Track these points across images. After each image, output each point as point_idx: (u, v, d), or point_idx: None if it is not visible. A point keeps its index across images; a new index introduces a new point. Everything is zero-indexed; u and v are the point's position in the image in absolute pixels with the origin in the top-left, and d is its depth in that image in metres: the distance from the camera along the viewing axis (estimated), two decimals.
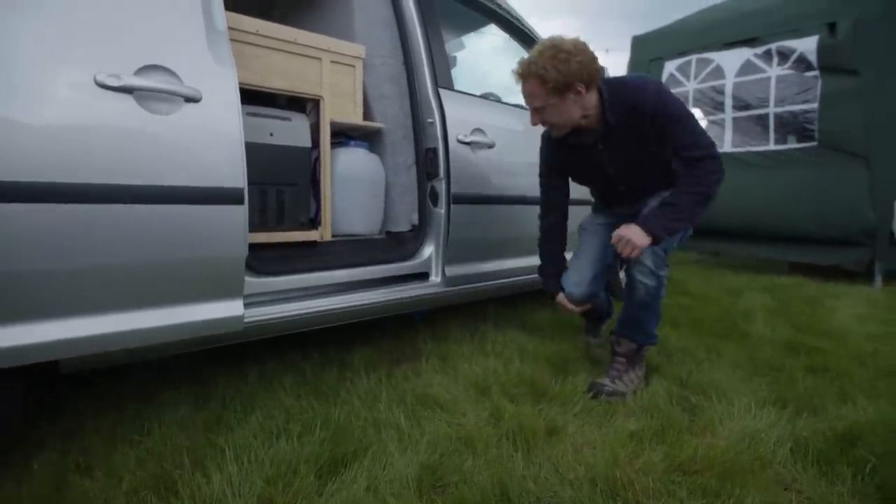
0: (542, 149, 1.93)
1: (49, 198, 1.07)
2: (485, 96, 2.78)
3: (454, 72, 2.38)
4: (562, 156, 1.85)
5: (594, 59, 1.57)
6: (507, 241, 2.30)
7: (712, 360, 1.96)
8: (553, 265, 1.97)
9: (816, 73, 3.61)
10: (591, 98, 1.61)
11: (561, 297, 1.91)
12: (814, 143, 3.65)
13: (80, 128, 1.11)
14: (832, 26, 3.53)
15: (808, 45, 3.62)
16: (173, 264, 1.26)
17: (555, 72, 1.51)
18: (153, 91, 1.19)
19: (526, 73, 1.58)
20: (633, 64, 4.82)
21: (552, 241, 1.98)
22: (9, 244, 1.03)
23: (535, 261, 2.44)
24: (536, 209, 2.35)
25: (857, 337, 2.29)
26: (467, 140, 2.02)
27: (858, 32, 3.43)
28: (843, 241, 3.56)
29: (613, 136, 1.67)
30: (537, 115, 1.65)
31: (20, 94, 1.04)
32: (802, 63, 3.67)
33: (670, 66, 4.40)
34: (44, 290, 1.10)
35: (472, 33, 3.03)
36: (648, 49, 4.64)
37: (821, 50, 3.56)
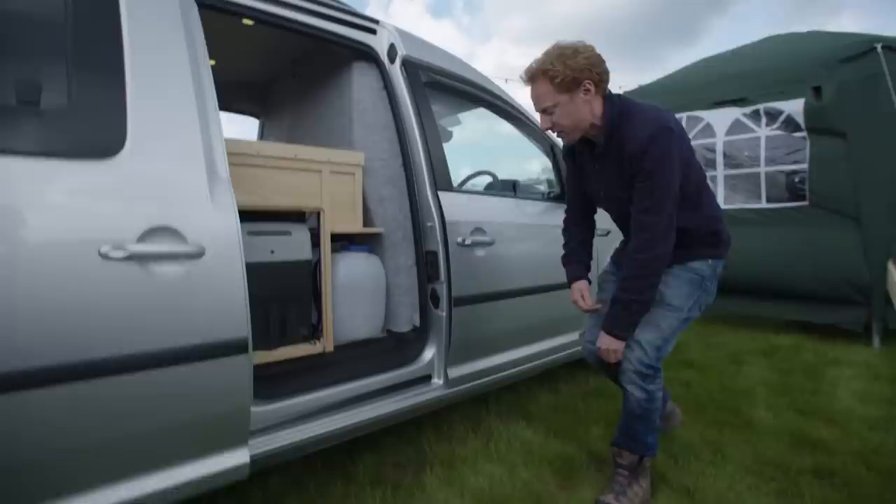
0: (562, 150, 1.90)
1: (49, 381, 1.06)
2: (479, 176, 2.82)
3: (449, 146, 2.41)
4: (574, 163, 1.81)
5: (601, 60, 1.54)
6: (511, 333, 2.30)
7: (717, 462, 1.94)
8: (574, 252, 1.91)
9: (804, 134, 3.68)
10: (600, 105, 1.57)
11: (577, 285, 1.86)
12: (805, 203, 3.70)
13: (84, 303, 1.10)
14: (818, 90, 3.62)
15: (794, 107, 3.70)
16: (177, 425, 1.24)
17: (562, 66, 1.49)
18: (157, 255, 1.19)
19: (533, 74, 1.55)
20: None
21: (576, 224, 1.92)
22: (8, 434, 1.02)
23: (538, 347, 2.47)
24: (538, 297, 2.38)
25: (860, 424, 2.29)
26: (467, 242, 2.02)
27: (843, 96, 3.51)
28: (839, 300, 3.59)
29: (606, 158, 1.62)
30: (547, 118, 1.59)
31: (20, 278, 1.03)
32: (790, 124, 3.74)
33: None
34: (43, 474, 1.08)
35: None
36: None
37: (807, 112, 3.64)
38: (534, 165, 3.11)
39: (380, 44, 2.09)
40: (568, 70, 1.49)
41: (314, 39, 1.95)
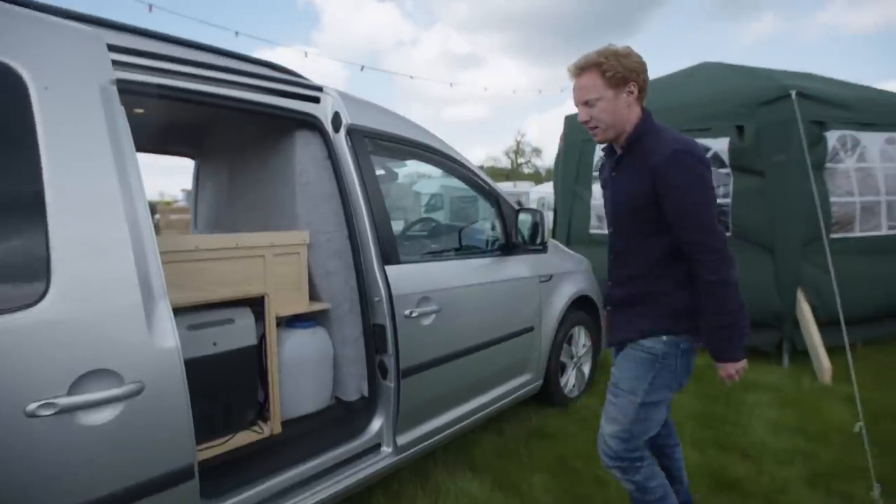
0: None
1: None
2: (423, 222, 2.84)
3: (393, 187, 2.41)
4: (601, 171, 1.81)
5: (646, 68, 1.57)
6: (459, 391, 2.36)
7: None
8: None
9: (728, 170, 3.95)
10: (637, 113, 1.57)
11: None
12: (728, 234, 3.99)
13: (14, 467, 1.05)
14: (741, 129, 3.88)
15: (721, 146, 3.96)
16: None
17: (616, 62, 1.51)
18: (92, 403, 1.14)
19: (584, 65, 1.55)
20: (566, 144, 5.06)
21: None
22: None
23: (486, 398, 2.54)
24: (486, 352, 2.45)
25: (771, 459, 2.54)
26: (415, 314, 2.05)
27: (762, 138, 3.79)
28: (757, 324, 3.90)
29: (625, 164, 1.60)
30: (586, 110, 1.57)
31: None
32: (717, 160, 4.00)
33: (599, 149, 4.65)
34: None
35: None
36: (581, 130, 4.87)
37: (731, 151, 3.91)
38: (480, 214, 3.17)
39: (324, 112, 2.06)
40: (621, 67, 1.51)
41: (254, 114, 1.89)
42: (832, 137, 3.90)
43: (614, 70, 1.51)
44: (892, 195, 4.10)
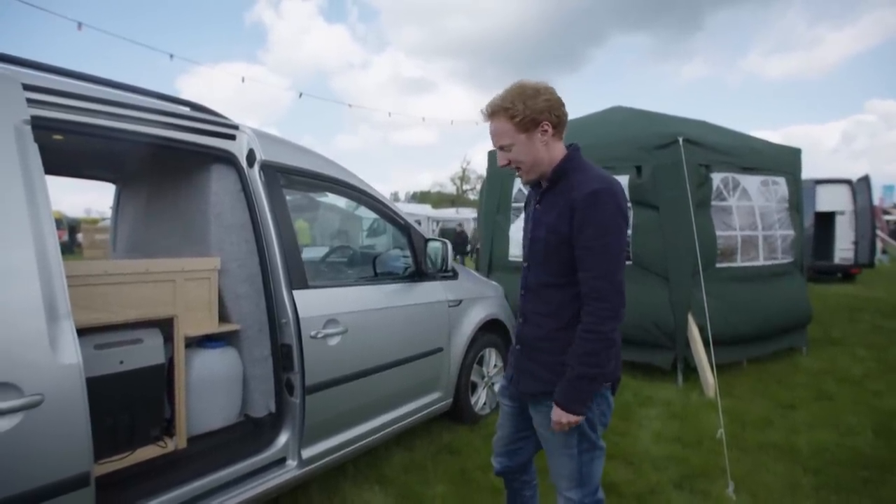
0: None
1: None
2: (336, 250, 3.02)
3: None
4: (526, 203, 1.79)
5: (561, 103, 1.56)
6: (365, 407, 2.53)
7: None
8: None
9: (629, 204, 4.39)
10: (558, 147, 1.58)
11: None
12: (630, 262, 4.41)
13: None
14: (639, 169, 4.35)
15: (622, 182, 4.39)
16: None
17: (522, 106, 1.50)
18: None
19: (493, 111, 1.55)
20: (488, 176, 5.42)
21: None
22: None
23: (394, 414, 2.72)
24: (393, 371, 2.64)
25: (649, 464, 2.84)
26: (320, 335, 2.23)
27: (656, 177, 4.26)
28: (654, 344, 4.31)
29: (549, 198, 1.59)
30: (504, 154, 1.59)
31: None
32: None
33: (518, 183, 5.04)
34: None
35: None
36: None
37: (631, 187, 4.35)
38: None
39: (239, 149, 2.23)
40: (528, 110, 1.50)
41: (170, 150, 2.04)
42: (717, 178, 4.44)
43: (521, 114, 1.51)
44: (766, 230, 4.68)
